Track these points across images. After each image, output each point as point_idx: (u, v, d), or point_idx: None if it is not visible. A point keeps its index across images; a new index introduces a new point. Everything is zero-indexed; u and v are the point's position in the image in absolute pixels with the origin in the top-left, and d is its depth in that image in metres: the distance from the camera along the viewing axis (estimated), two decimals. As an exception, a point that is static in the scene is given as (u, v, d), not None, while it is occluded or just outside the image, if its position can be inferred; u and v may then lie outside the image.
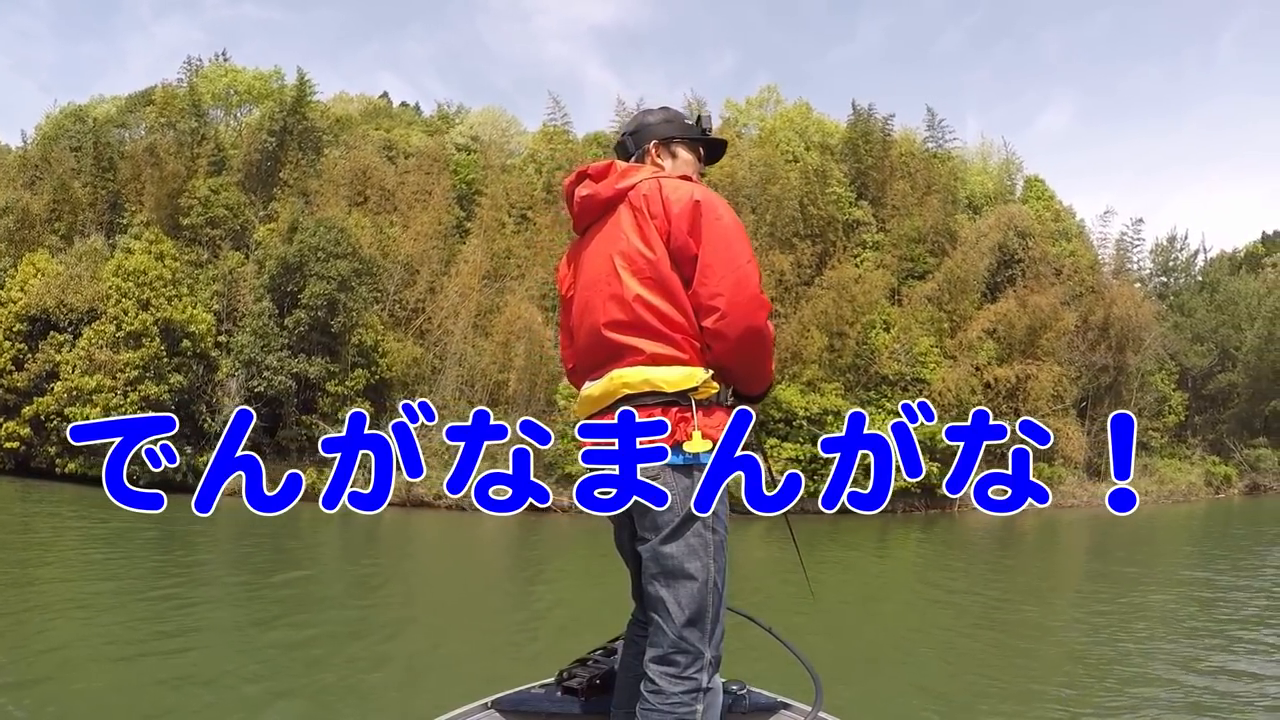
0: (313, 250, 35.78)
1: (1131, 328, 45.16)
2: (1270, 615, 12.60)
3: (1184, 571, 16.82)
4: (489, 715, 3.79)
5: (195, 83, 46.85)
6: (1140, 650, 10.68)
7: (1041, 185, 53.78)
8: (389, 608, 13.65)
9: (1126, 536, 28.59)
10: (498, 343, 37.49)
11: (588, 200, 3.28)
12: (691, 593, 2.94)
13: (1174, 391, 47.95)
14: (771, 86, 55.44)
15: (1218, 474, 46.15)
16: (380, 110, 59.19)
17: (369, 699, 8.61)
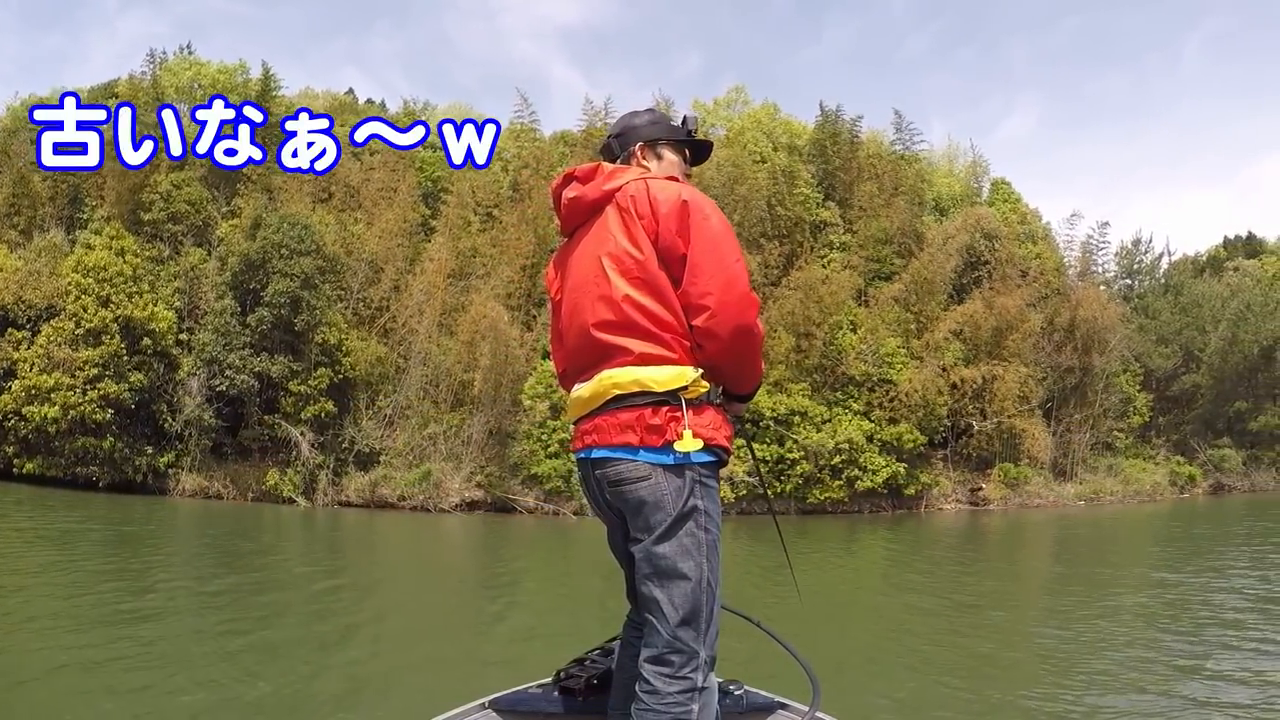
0: (276, 247, 35.52)
1: (1097, 330, 45.42)
2: (1237, 617, 12.72)
3: (1151, 573, 17.12)
4: (486, 715, 3.81)
5: (159, 75, 46.17)
6: (1108, 654, 10.71)
7: (1008, 188, 54.17)
8: (339, 614, 13.27)
9: (1093, 536, 28.66)
10: (463, 342, 37.35)
11: (575, 202, 3.35)
12: (685, 593, 2.99)
13: (1138, 393, 48.31)
14: (739, 87, 55.75)
15: (1182, 474, 46.49)
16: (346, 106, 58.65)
17: (298, 712, 8.35)
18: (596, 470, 3.16)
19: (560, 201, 3.43)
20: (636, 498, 3.04)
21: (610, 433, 3.08)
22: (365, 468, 35.80)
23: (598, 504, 3.32)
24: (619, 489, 3.09)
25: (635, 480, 3.03)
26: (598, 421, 3.13)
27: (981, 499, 40.50)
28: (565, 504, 33.89)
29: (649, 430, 3.00)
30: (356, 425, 36.55)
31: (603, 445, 3.10)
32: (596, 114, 49.90)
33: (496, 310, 37.02)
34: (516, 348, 36.67)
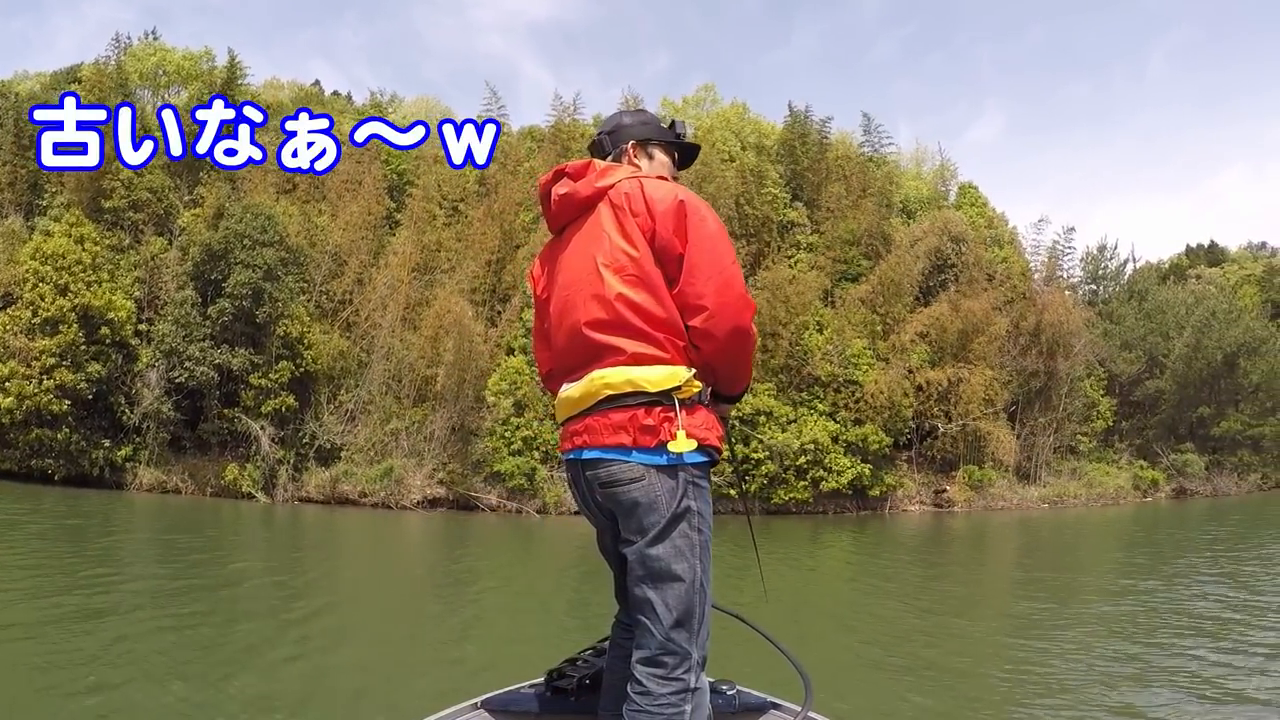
0: (238, 237, 35.33)
1: (1062, 334, 45.75)
2: (1196, 625, 12.92)
3: (1111, 583, 17.28)
4: (478, 715, 3.76)
5: (123, 61, 45.57)
6: (1065, 662, 10.82)
7: (975, 192, 54.46)
8: (292, 615, 13.04)
9: (1056, 541, 28.78)
10: (426, 337, 37.23)
11: (566, 199, 3.31)
12: (679, 594, 2.97)
13: (1102, 397, 48.73)
14: (709, 86, 56.29)
15: (1145, 478, 46.85)
16: (312, 98, 58.20)
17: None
18: (587, 471, 3.10)
19: (550, 198, 3.39)
20: (630, 499, 2.99)
21: (602, 433, 3.02)
22: (326, 463, 35.68)
23: (587, 505, 3.27)
24: (611, 490, 3.03)
25: (628, 481, 2.98)
26: (588, 422, 3.08)
27: (946, 501, 40.76)
28: (528, 502, 33.92)
29: (642, 431, 2.96)
30: (318, 420, 36.36)
31: (594, 446, 3.04)
32: (565, 110, 49.71)
33: (461, 305, 36.97)
34: (480, 343, 36.69)
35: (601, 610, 14.26)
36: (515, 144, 48.44)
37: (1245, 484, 49.49)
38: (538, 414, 34.82)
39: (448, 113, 53.57)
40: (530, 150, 47.95)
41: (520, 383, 34.87)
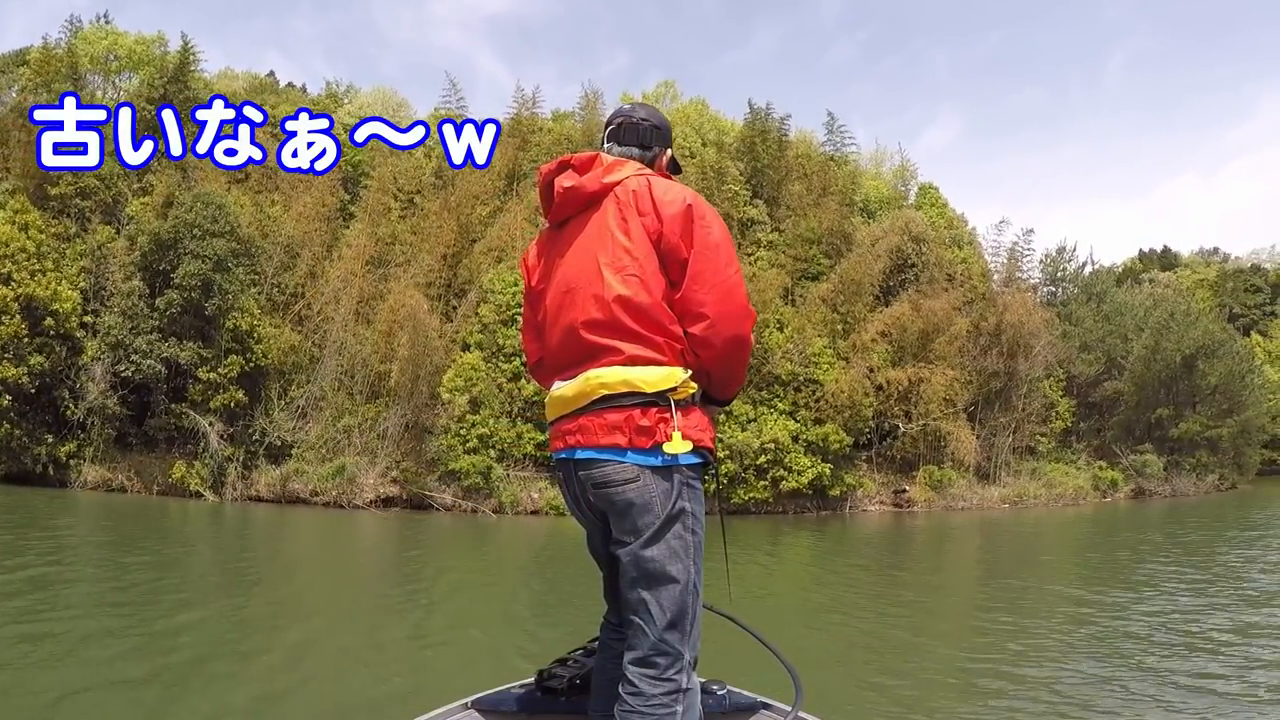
0: (188, 227, 34.67)
1: (1023, 334, 45.93)
2: (1148, 634, 12.78)
3: (1068, 591, 17.11)
4: (468, 715, 3.79)
5: (74, 44, 44.48)
6: (1016, 670, 10.77)
7: (935, 193, 54.70)
8: (244, 621, 12.70)
9: (1016, 546, 28.65)
10: (380, 332, 36.85)
11: (571, 192, 3.24)
12: (673, 595, 2.98)
13: (1061, 398, 49.02)
14: (669, 82, 56.56)
15: (1105, 478, 47.21)
16: (266, 88, 57.45)
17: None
18: (580, 471, 3.11)
19: (553, 189, 3.31)
20: (624, 500, 3.00)
21: (596, 433, 3.03)
22: (277, 461, 35.16)
23: (578, 506, 3.26)
24: (605, 491, 3.04)
25: (623, 482, 2.99)
26: (582, 421, 3.08)
27: (906, 501, 40.74)
28: (484, 501, 33.59)
29: (638, 431, 2.97)
30: (268, 416, 35.79)
31: (588, 446, 3.05)
32: (526, 103, 49.43)
33: (416, 299, 36.46)
34: (436, 339, 36.13)
35: (565, 614, 14.34)
36: (473, 136, 47.10)
37: (1203, 485, 50.11)
38: (493, 411, 34.53)
39: (404, 105, 53.19)
40: (488, 143, 46.72)
41: (476, 379, 34.40)
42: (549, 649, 10.67)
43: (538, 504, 34.05)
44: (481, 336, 36.60)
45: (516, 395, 35.22)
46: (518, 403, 35.31)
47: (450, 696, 3.88)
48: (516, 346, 35.13)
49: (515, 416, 35.29)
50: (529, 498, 34.17)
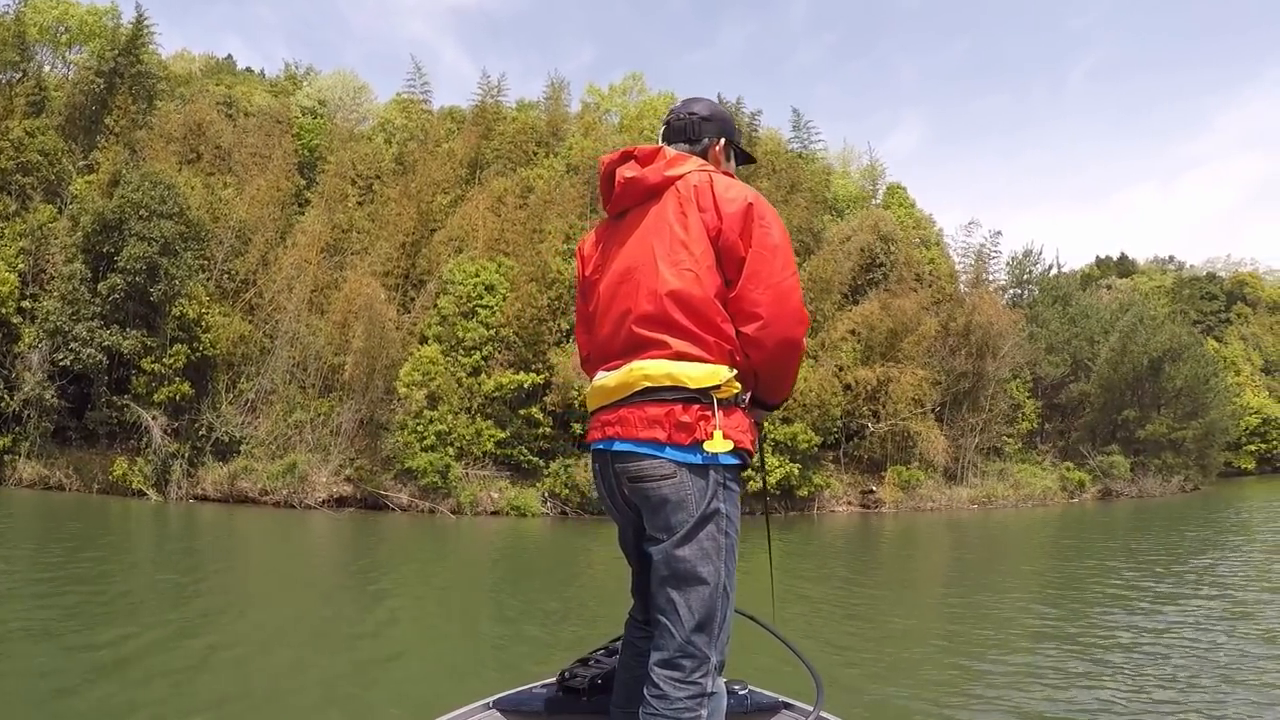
0: (135, 207, 32.78)
1: (991, 336, 45.66)
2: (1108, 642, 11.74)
3: (1031, 606, 15.68)
4: (490, 715, 3.72)
5: (23, 12, 42.14)
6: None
7: (903, 193, 54.85)
8: (184, 633, 11.08)
9: (983, 556, 27.76)
10: (334, 322, 35.47)
11: (632, 183, 3.19)
12: (703, 597, 2.90)
13: (1028, 399, 48.99)
14: (636, 75, 56.21)
15: (1072, 479, 47.25)
16: (224, 68, 55.40)
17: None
18: (616, 464, 3.04)
19: (614, 179, 3.26)
20: (659, 495, 2.91)
21: (636, 426, 2.95)
22: (224, 458, 33.47)
23: (612, 498, 3.18)
24: (640, 485, 2.96)
25: (659, 478, 2.91)
26: (622, 413, 3.00)
27: (874, 501, 40.30)
28: (442, 501, 32.20)
29: (678, 427, 2.88)
30: (215, 410, 34.10)
31: (626, 438, 2.97)
32: (491, 90, 48.28)
33: (373, 288, 35.01)
34: (392, 330, 34.82)
35: (532, 625, 12.73)
36: (436, 123, 47.03)
37: (1169, 485, 50.43)
38: (452, 407, 33.19)
39: (365, 89, 51.62)
40: (450, 131, 46.05)
41: (434, 373, 32.90)
42: (516, 667, 9.61)
43: (498, 504, 32.94)
44: (440, 329, 35.17)
45: (476, 390, 33.84)
46: (477, 398, 33.98)
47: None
48: (477, 340, 33.75)
49: (475, 413, 33.94)
50: (488, 498, 32.92)
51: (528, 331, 34.70)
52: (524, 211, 39.14)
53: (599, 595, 15.82)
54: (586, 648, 4.00)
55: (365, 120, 48.81)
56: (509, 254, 36.99)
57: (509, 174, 42.42)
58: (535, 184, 41.33)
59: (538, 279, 35.46)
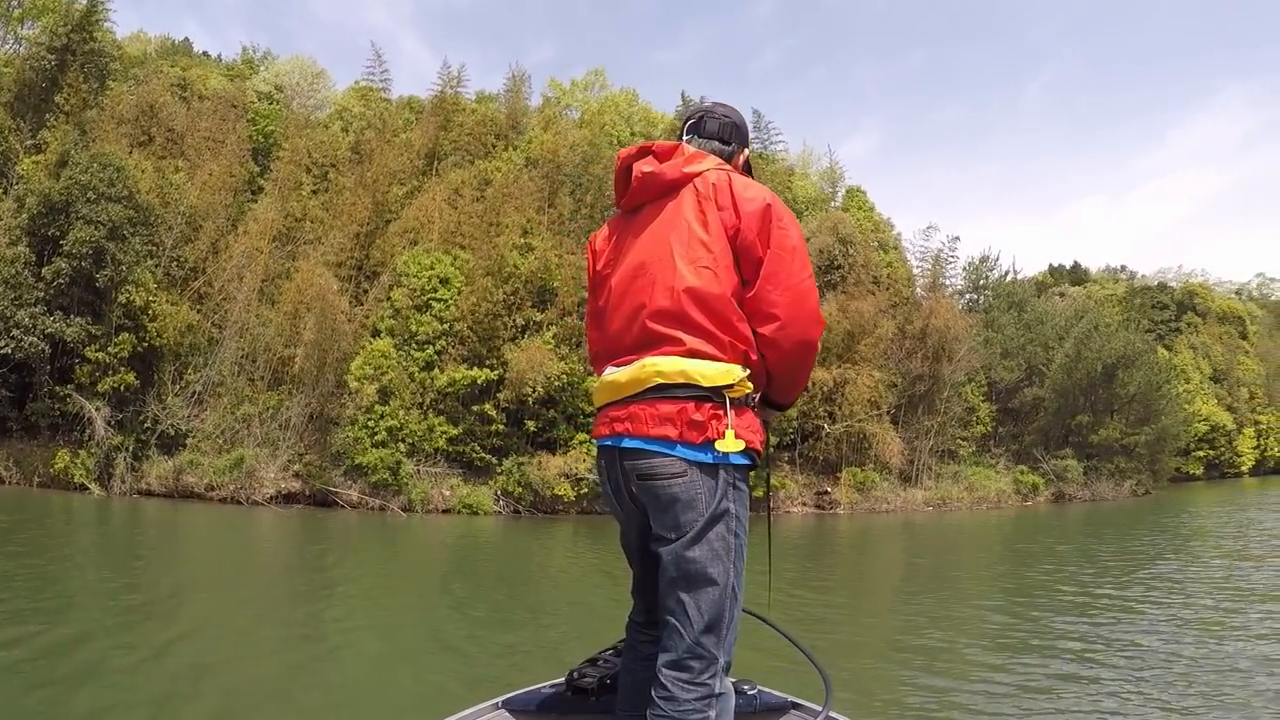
0: (82, 189, 31.90)
1: (947, 339, 46.02)
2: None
3: (987, 615, 15.15)
4: (499, 715, 3.73)
5: (-32, -12, 41.06)
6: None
7: (862, 196, 55.17)
8: (136, 645, 10.20)
9: (942, 542, 27.75)
10: (285, 313, 34.87)
11: (650, 178, 3.17)
12: (712, 599, 2.88)
13: (982, 403, 49.50)
14: (598, 70, 56.18)
15: (1026, 482, 47.74)
16: (180, 50, 54.16)
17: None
18: (625, 461, 3.00)
19: (631, 173, 3.23)
20: (669, 494, 2.87)
21: (647, 423, 2.90)
22: (169, 452, 32.70)
23: (618, 495, 3.12)
24: (650, 483, 2.92)
25: (669, 476, 2.86)
26: (633, 409, 2.95)
27: (829, 502, 40.34)
28: (392, 499, 31.54)
29: (690, 425, 2.84)
30: (161, 402, 33.31)
31: (636, 435, 2.93)
32: (451, 80, 48.07)
33: (325, 278, 34.56)
34: (344, 322, 34.39)
35: (494, 632, 12.30)
36: (394, 113, 46.53)
37: (1121, 490, 51.15)
38: (404, 402, 32.72)
39: (323, 75, 51.01)
40: (408, 121, 45.45)
41: (386, 367, 32.34)
42: (477, 678, 9.26)
43: (449, 502, 32.50)
44: (393, 322, 34.61)
45: (429, 385, 33.37)
46: (430, 394, 33.51)
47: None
48: (430, 334, 33.14)
49: (427, 408, 33.49)
50: (440, 495, 32.45)
51: (482, 326, 34.29)
52: (481, 204, 38.66)
53: (562, 598, 15.64)
54: (556, 651, 4.15)
55: (322, 107, 48.20)
56: (465, 247, 36.57)
57: (466, 166, 41.99)
58: (493, 177, 40.80)
59: (493, 273, 35.02)
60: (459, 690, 8.83)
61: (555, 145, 41.95)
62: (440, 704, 3.88)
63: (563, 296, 35.88)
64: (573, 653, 10.85)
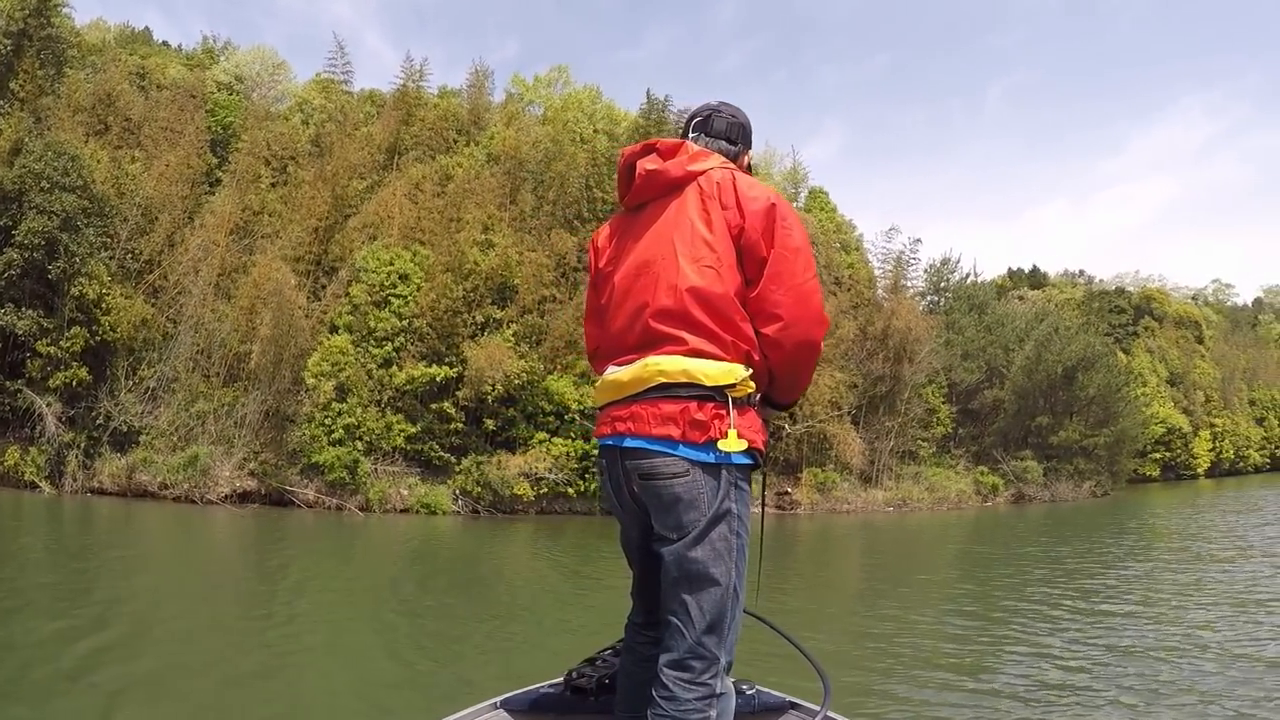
0: (35, 178, 31.25)
1: (909, 341, 46.36)
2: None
3: (944, 622, 15.24)
4: (498, 715, 3.74)
5: (-74, -32, 40.08)
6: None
7: (824, 197, 55.40)
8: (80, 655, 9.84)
9: (902, 543, 27.71)
10: (241, 308, 34.45)
11: (654, 175, 3.16)
12: (714, 599, 2.87)
13: (942, 404, 49.74)
14: (562, 67, 56.15)
15: (986, 483, 48.27)
16: (139, 38, 53.30)
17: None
18: (627, 460, 2.98)
19: (635, 170, 3.22)
20: (671, 494, 2.86)
21: (649, 422, 2.89)
22: (122, 449, 32.16)
23: (618, 495, 3.11)
24: (652, 483, 2.90)
25: (671, 476, 2.85)
26: (635, 409, 2.94)
27: (790, 503, 40.42)
28: (350, 498, 31.37)
29: (692, 425, 2.83)
30: (114, 398, 32.72)
31: (638, 435, 2.91)
32: (413, 74, 47.29)
33: (283, 273, 34.27)
34: (302, 318, 33.98)
35: (451, 633, 12.45)
36: (355, 106, 45.98)
37: (1081, 491, 51.58)
38: (361, 400, 32.43)
39: (284, 66, 50.35)
40: (370, 115, 45.16)
41: (344, 364, 32.10)
42: (442, 690, 9.19)
43: (407, 501, 32.27)
44: (351, 318, 34.22)
45: (387, 383, 33.02)
46: (388, 391, 33.15)
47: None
48: (389, 330, 32.77)
49: (385, 406, 33.14)
50: (398, 495, 32.19)
51: (442, 323, 33.97)
52: (442, 200, 38.32)
53: (517, 602, 15.55)
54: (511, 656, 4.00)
55: (283, 99, 47.58)
56: (425, 243, 36.21)
57: (428, 161, 41.59)
58: (454, 172, 40.49)
59: (454, 269, 34.72)
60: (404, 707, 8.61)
61: (517, 141, 41.77)
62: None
63: (523, 294, 35.71)
64: (529, 659, 10.70)
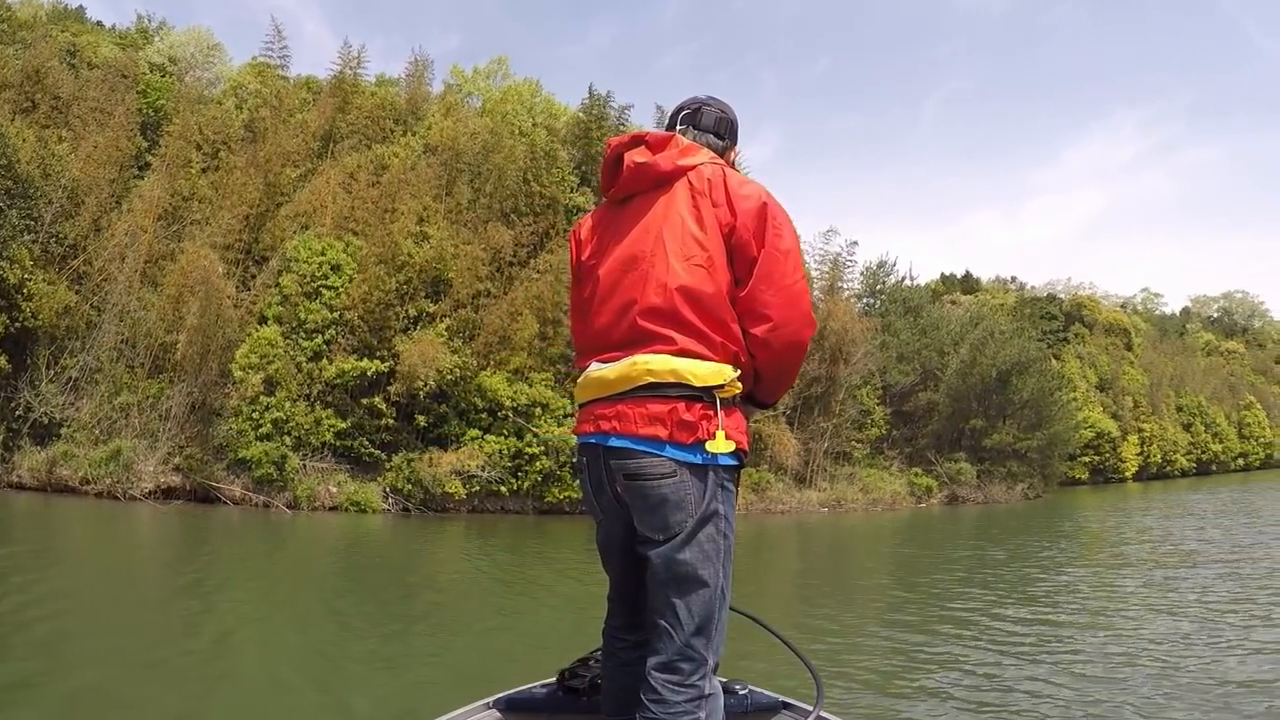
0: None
1: (845, 342, 46.67)
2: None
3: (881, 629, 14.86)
4: (490, 715, 3.78)
5: None
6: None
7: None
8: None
9: (838, 542, 27.75)
10: (168, 297, 33.68)
11: (643, 168, 3.11)
12: (703, 601, 2.88)
13: (877, 406, 50.06)
14: (501, 59, 55.69)
15: (920, 484, 48.54)
16: (70, 15, 52.11)
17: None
18: (611, 460, 2.96)
19: (622, 162, 3.17)
20: (658, 495, 2.85)
21: (636, 422, 2.87)
22: (43, 442, 31.32)
23: (600, 494, 3.10)
24: (638, 484, 2.88)
25: (658, 477, 2.83)
26: (621, 408, 2.92)
27: None
28: (278, 495, 31.06)
29: (680, 426, 2.82)
30: (34, 388, 31.86)
31: (624, 434, 2.90)
32: (351, 61, 46.67)
33: (211, 261, 33.57)
34: (230, 308, 33.35)
35: (390, 641, 12.18)
36: (291, 92, 45.10)
37: (1013, 493, 52.04)
38: (290, 394, 32.01)
39: (219, 49, 49.25)
40: (305, 101, 44.61)
41: (273, 357, 31.61)
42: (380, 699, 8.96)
43: (336, 499, 31.76)
44: (281, 309, 33.62)
45: (317, 377, 32.58)
46: (317, 385, 32.68)
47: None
48: (319, 322, 32.25)
49: (314, 400, 32.65)
50: (327, 492, 31.74)
51: (374, 316, 33.44)
52: (376, 190, 37.75)
53: (449, 603, 15.46)
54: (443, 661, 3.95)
55: (217, 83, 46.62)
56: (358, 233, 35.70)
57: (363, 150, 41.03)
58: (390, 162, 39.86)
59: (387, 261, 34.17)
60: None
61: (455, 133, 41.37)
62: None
63: (457, 288, 35.31)
64: (472, 663, 10.40)
